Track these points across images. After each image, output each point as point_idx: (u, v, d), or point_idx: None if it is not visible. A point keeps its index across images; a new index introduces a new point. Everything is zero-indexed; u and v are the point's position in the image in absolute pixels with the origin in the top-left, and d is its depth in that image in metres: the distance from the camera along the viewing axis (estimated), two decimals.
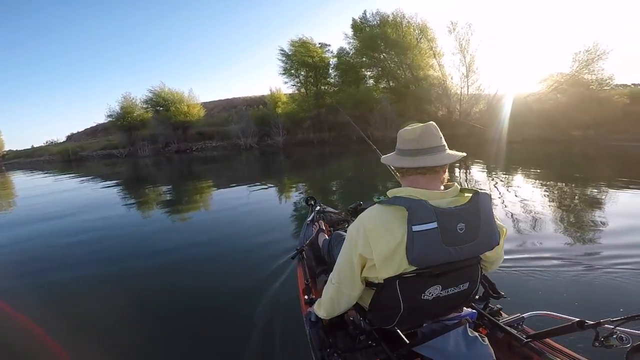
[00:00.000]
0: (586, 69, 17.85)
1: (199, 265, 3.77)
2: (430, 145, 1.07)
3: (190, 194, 8.87)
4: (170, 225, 5.72)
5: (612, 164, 11.27)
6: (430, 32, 21.50)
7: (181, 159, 20.89)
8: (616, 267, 3.06)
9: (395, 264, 0.99)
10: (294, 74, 25.26)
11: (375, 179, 9.92)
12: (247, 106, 34.52)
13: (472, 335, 1.15)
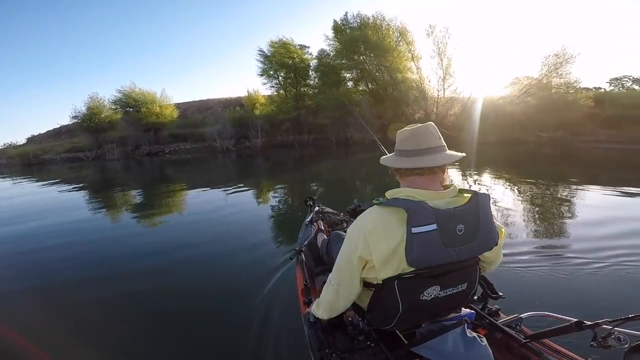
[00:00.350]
0: (555, 73, 18.63)
1: (194, 267, 3.68)
2: (429, 146, 1.07)
3: (172, 198, 8.40)
4: (155, 230, 5.48)
5: (590, 165, 11.77)
6: (409, 35, 21.75)
7: (153, 162, 19.94)
8: (614, 267, 3.06)
9: (395, 265, 1.00)
10: (272, 75, 24.84)
11: (357, 180, 9.85)
12: (223, 107, 33.71)
13: (470, 336, 1.14)
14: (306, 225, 2.80)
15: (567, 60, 17.97)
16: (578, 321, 1.09)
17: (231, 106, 33.10)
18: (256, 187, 9.10)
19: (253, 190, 8.69)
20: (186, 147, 26.52)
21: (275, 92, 25.88)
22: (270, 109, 25.40)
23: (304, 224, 2.87)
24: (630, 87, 28.44)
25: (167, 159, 21.15)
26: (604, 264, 3.12)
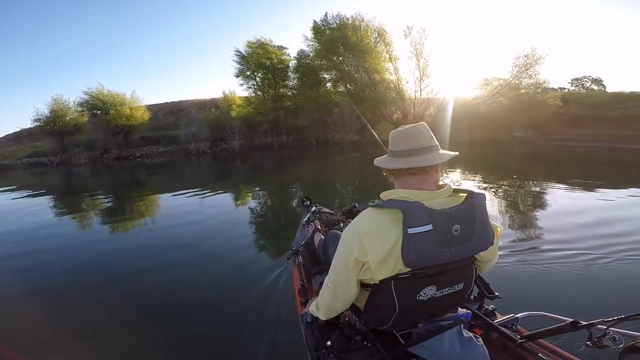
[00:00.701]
0: (525, 73, 19.36)
1: (186, 270, 3.59)
2: (421, 146, 1.07)
3: (148, 203, 7.89)
4: (136, 237, 5.17)
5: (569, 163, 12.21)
6: (387, 36, 21.94)
7: (123, 166, 18.90)
8: (608, 265, 3.09)
9: (391, 266, 0.99)
10: (250, 75, 24.30)
11: (340, 182, 9.73)
12: (197, 109, 32.75)
13: (466, 336, 1.14)
14: (303, 225, 2.78)
15: (536, 61, 18.73)
16: (573, 321, 1.10)
17: (206, 108, 32.24)
18: (238, 191, 8.85)
19: (235, 193, 8.45)
20: (159, 150, 25.45)
21: (253, 94, 25.35)
22: (247, 110, 24.80)
23: (301, 224, 2.85)
24: (589, 87, 30.25)
25: (139, 163, 20.15)
26: (599, 263, 3.14)
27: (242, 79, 24.58)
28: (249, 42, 23.60)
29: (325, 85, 24.15)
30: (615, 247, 3.47)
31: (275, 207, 6.92)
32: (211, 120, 25.05)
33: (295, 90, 24.41)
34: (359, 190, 8.17)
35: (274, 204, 7.23)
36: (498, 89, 20.70)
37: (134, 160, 22.18)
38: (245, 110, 24.93)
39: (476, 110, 20.24)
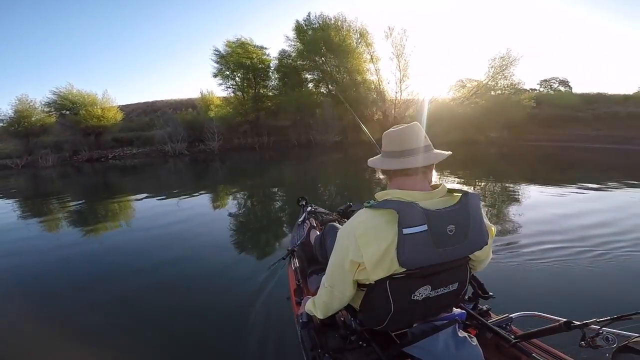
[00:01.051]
0: (501, 74, 19.89)
1: (177, 272, 3.52)
2: (416, 146, 1.07)
3: (124, 208, 7.45)
4: (119, 242, 4.84)
5: (546, 163, 12.56)
6: (369, 37, 21.93)
7: (94, 169, 17.90)
8: (602, 264, 3.13)
9: (386, 267, 1.00)
10: (229, 75, 23.71)
11: (325, 182, 9.60)
12: (173, 109, 31.74)
13: (461, 336, 1.15)
14: (298, 225, 2.75)
15: (512, 63, 19.27)
16: (567, 321, 1.10)
17: (182, 108, 31.30)
18: (221, 192, 8.62)
19: (219, 195, 8.24)
20: (132, 152, 24.37)
21: (232, 94, 24.75)
22: (226, 110, 24.22)
23: (297, 224, 2.82)
24: (556, 88, 31.54)
25: (112, 165, 19.16)
26: (592, 261, 3.18)
27: (221, 78, 23.98)
28: (228, 41, 23.04)
29: (307, 86, 23.94)
30: (607, 246, 3.54)
31: (264, 208, 6.76)
32: (188, 120, 24.26)
33: (277, 91, 24.04)
34: (347, 190, 8.06)
35: (261, 205, 7.05)
36: (475, 90, 21.18)
37: (106, 162, 21.04)
38: (224, 110, 24.35)
39: (454, 111, 20.62)
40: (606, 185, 7.21)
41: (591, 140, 18.15)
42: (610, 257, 3.29)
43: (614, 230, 4.02)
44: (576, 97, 24.25)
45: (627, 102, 22.30)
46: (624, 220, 4.44)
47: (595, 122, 20.36)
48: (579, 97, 24.27)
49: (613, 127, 19.39)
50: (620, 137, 17.51)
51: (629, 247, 3.50)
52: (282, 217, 5.78)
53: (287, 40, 23.58)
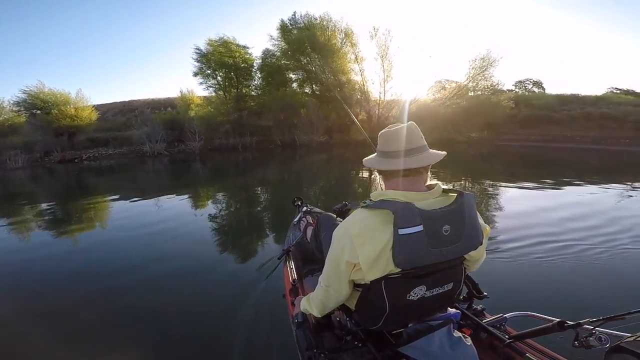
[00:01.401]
0: (481, 75, 20.25)
1: (168, 275, 3.43)
2: (414, 146, 1.06)
3: (102, 210, 7.02)
4: (102, 247, 4.61)
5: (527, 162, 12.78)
6: (354, 37, 21.84)
7: (68, 170, 16.98)
8: (596, 263, 3.15)
9: (382, 267, 1.00)
10: (210, 74, 23.07)
11: (309, 184, 9.46)
12: (151, 109, 30.78)
13: (456, 336, 1.15)
14: (294, 226, 2.77)
15: (491, 64, 19.65)
16: (560, 321, 1.11)
17: (161, 107, 30.43)
18: (207, 194, 8.43)
19: (206, 196, 8.08)
20: (108, 153, 23.41)
21: (214, 93, 24.14)
22: (207, 110, 23.61)
23: (292, 224, 2.82)
24: (531, 89, 32.48)
25: (86, 166, 18.25)
26: (585, 260, 3.21)
27: (202, 77, 23.33)
28: (210, 40, 22.42)
29: (291, 86, 23.65)
30: (600, 245, 3.57)
31: (254, 209, 6.65)
32: (167, 120, 23.47)
33: (260, 90, 23.61)
34: (337, 192, 7.98)
35: (252, 206, 6.93)
36: (456, 91, 21.51)
37: (80, 163, 19.99)
38: (205, 110, 23.73)
39: (435, 112, 20.87)
40: (588, 184, 7.37)
41: (567, 140, 18.76)
42: (603, 256, 3.30)
43: (606, 230, 4.08)
44: (551, 98, 25.04)
45: (599, 103, 23.19)
46: (615, 219, 4.50)
47: (570, 123, 21.06)
48: (554, 97, 25.08)
49: (587, 127, 20.11)
50: (594, 138, 18.17)
51: (621, 246, 3.52)
52: (275, 218, 5.72)
53: (271, 39, 23.22)
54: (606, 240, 3.66)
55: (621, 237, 3.76)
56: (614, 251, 3.40)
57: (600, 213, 4.81)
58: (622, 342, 0.92)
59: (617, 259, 3.25)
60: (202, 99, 25.41)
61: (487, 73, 20.11)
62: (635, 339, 0.90)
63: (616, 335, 0.99)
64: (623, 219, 4.48)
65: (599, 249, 3.45)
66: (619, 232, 3.96)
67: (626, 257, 3.30)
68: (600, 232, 3.96)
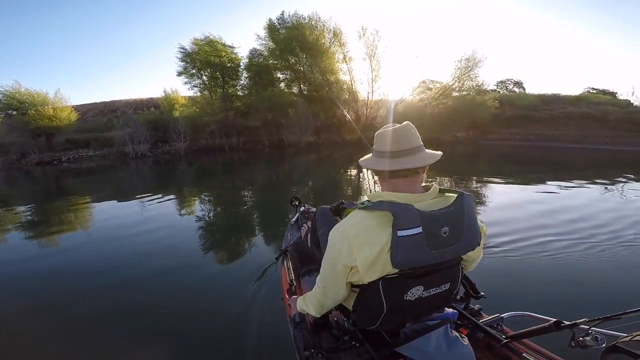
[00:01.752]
0: (466, 76, 20.47)
1: (163, 278, 3.38)
2: (412, 146, 1.05)
3: (85, 213, 6.72)
4: (92, 250, 4.46)
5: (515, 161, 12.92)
6: (343, 37, 21.64)
7: (46, 173, 16.32)
8: (593, 263, 3.14)
9: (379, 269, 1.00)
10: (195, 74, 22.59)
11: (295, 184, 9.35)
12: (133, 109, 30.00)
13: (453, 336, 1.16)
14: (292, 226, 2.77)
15: (477, 64, 19.88)
16: (557, 321, 1.11)
17: (143, 108, 29.69)
18: (196, 195, 8.28)
19: (195, 198, 7.99)
20: (89, 154, 22.65)
21: (199, 93, 23.66)
22: (192, 110, 23.11)
23: (290, 224, 2.83)
24: (512, 89, 33.08)
25: (65, 169, 17.58)
26: (583, 259, 3.20)
27: (187, 77, 22.83)
28: (195, 39, 21.93)
29: (279, 85, 23.32)
30: (597, 244, 3.56)
31: (251, 209, 6.64)
32: (151, 120, 22.88)
33: (247, 90, 23.25)
34: (331, 193, 7.83)
35: (246, 207, 6.91)
36: (442, 91, 21.71)
37: (59, 166, 19.23)
38: (190, 110, 23.23)
39: (422, 112, 21.01)
40: (577, 182, 7.47)
41: (550, 139, 19.16)
42: (599, 255, 3.30)
43: (601, 229, 4.08)
44: (534, 97, 25.58)
45: (579, 103, 23.81)
46: (609, 218, 4.51)
47: (552, 122, 21.53)
48: (536, 97, 25.62)
49: (568, 126, 20.60)
50: (576, 137, 18.62)
51: (618, 245, 3.53)
52: (271, 219, 5.71)
53: (258, 39, 22.89)
54: (602, 240, 3.66)
55: (617, 236, 3.77)
56: (610, 250, 3.40)
57: (592, 212, 4.85)
58: (618, 342, 0.92)
59: (613, 257, 3.24)
60: (187, 99, 24.87)
61: (472, 73, 20.36)
62: (631, 338, 0.90)
63: (612, 335, 0.99)
64: (617, 218, 4.51)
65: (595, 248, 3.44)
66: (615, 230, 3.98)
67: (622, 255, 3.29)
68: (596, 231, 3.98)
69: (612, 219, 4.40)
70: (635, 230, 3.94)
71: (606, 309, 1.12)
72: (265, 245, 4.23)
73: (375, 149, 1.13)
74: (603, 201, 5.58)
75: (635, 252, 3.38)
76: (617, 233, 3.85)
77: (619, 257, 3.24)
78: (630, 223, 4.25)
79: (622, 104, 22.62)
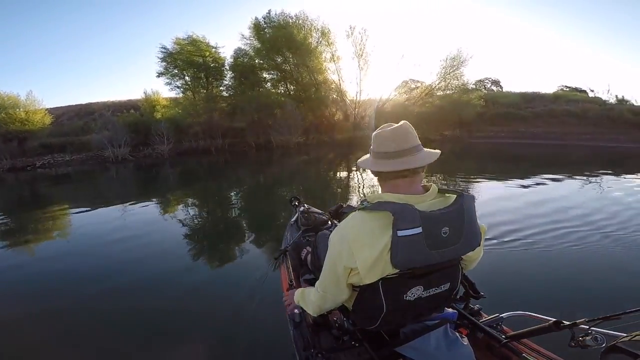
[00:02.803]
0: (452, 75, 20.64)
1: (161, 280, 3.40)
2: (411, 145, 1.05)
3: (80, 220, 6.25)
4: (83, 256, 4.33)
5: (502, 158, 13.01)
6: (331, 36, 21.38)
7: (19, 179, 15.37)
8: (593, 262, 3.12)
9: (380, 270, 1.00)
10: (178, 74, 21.86)
11: (286, 185, 9.11)
12: (112, 112, 28.84)
13: (452, 336, 1.17)
14: (291, 226, 2.78)
15: (462, 63, 20.08)
16: (556, 321, 1.11)
17: (123, 110, 28.61)
18: (185, 199, 8.06)
19: (183, 202, 7.82)
20: (65, 159, 21.53)
21: (181, 94, 22.91)
22: (175, 111, 22.35)
23: (289, 224, 2.83)
24: (489, 88, 33.63)
25: (40, 174, 16.54)
26: (583, 259, 3.18)
27: (169, 77, 22.06)
28: (177, 38, 21.23)
29: (265, 86, 22.84)
30: (597, 243, 3.51)
31: (247, 211, 6.65)
32: (131, 122, 21.93)
33: (232, 91, 22.67)
34: (327, 195, 7.58)
35: (242, 209, 6.90)
36: (428, 90, 21.84)
37: (34, 171, 18.14)
38: (172, 111, 22.47)
39: (411, 110, 21.07)
40: (571, 177, 7.50)
41: (533, 136, 19.55)
42: (599, 254, 3.27)
43: (600, 227, 3.99)
44: (516, 96, 26.10)
45: (558, 101, 24.46)
46: (609, 218, 4.43)
47: (534, 120, 22.00)
48: (518, 96, 26.16)
49: (550, 124, 21.10)
50: (558, 134, 19.06)
51: (619, 245, 3.47)
52: (267, 219, 5.68)
53: (242, 38, 22.28)
54: (602, 239, 3.61)
55: (617, 236, 3.70)
56: (610, 249, 3.37)
57: (590, 211, 4.73)
58: (618, 341, 0.91)
59: (613, 257, 3.22)
60: (169, 100, 24.10)
61: (457, 72, 20.53)
62: (631, 338, 0.88)
63: (612, 335, 0.98)
64: (616, 218, 4.42)
65: (595, 247, 3.42)
66: (615, 231, 3.89)
67: (622, 255, 3.26)
68: (596, 230, 3.89)
69: (612, 219, 4.33)
70: (635, 230, 3.90)
71: (606, 309, 1.10)
72: (263, 245, 4.24)
73: (373, 150, 1.11)
74: (601, 200, 5.51)
75: (635, 251, 3.35)
76: (617, 233, 3.79)
77: (618, 257, 3.21)
78: (631, 223, 4.18)
79: (598, 102, 23.35)
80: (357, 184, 8.55)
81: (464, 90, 21.50)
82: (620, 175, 8.07)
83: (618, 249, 3.36)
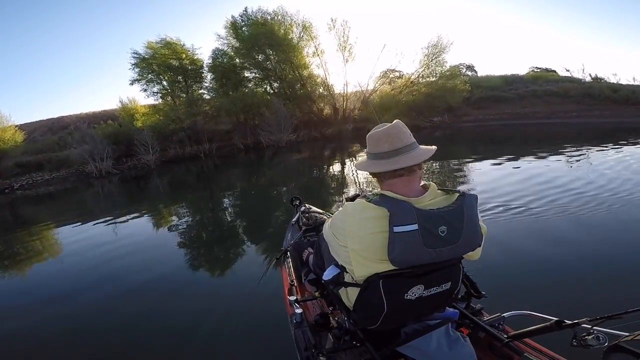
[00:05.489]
0: (435, 62, 20.64)
1: (163, 282, 3.47)
2: (404, 144, 1.05)
3: (60, 240, 5.76)
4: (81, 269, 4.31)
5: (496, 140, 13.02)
6: (313, 30, 20.83)
7: None
8: (593, 262, 3.07)
9: (373, 263, 1.01)
10: (154, 79, 20.99)
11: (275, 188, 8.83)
12: (88, 124, 27.61)
13: (454, 335, 1.17)
14: (292, 226, 2.78)
15: (443, 50, 20.07)
16: (558, 320, 1.11)
17: (99, 121, 27.44)
18: (181, 207, 7.97)
19: (182, 210, 7.67)
20: (45, 178, 20.43)
21: (160, 100, 22.05)
22: (155, 118, 21.48)
23: (290, 224, 2.84)
24: (465, 73, 33.70)
25: (20, 196, 15.62)
26: (583, 258, 3.13)
27: (144, 84, 21.16)
28: (149, 42, 20.27)
29: (248, 85, 22.16)
30: (597, 242, 3.43)
31: (245, 213, 6.70)
32: (111, 133, 20.99)
33: (214, 93, 21.96)
34: (325, 194, 7.30)
35: (240, 211, 6.90)
36: (413, 79, 21.81)
37: (12, 194, 17.08)
38: (153, 118, 21.58)
39: (399, 100, 20.97)
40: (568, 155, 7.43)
41: (521, 117, 19.77)
42: (600, 254, 3.20)
43: (602, 230, 3.81)
44: (498, 79, 26.37)
45: (538, 81, 24.83)
46: (608, 219, 4.18)
47: (519, 101, 22.25)
48: (500, 79, 26.44)
49: (535, 104, 21.36)
50: (545, 113, 19.33)
51: (618, 245, 3.38)
52: (266, 220, 5.66)
53: (219, 38, 21.52)
54: (601, 239, 3.52)
55: (617, 236, 3.59)
56: (611, 249, 3.29)
57: (589, 210, 4.38)
58: (620, 341, 0.91)
59: (613, 256, 3.15)
60: (148, 107, 23.13)
61: (440, 59, 20.54)
62: (633, 338, 0.88)
63: (614, 335, 0.97)
64: (615, 217, 4.18)
65: (595, 247, 3.34)
66: (614, 231, 3.75)
67: (624, 254, 3.19)
68: (595, 231, 3.76)
69: (610, 219, 4.14)
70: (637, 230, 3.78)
71: (608, 308, 1.09)
72: (263, 246, 4.30)
73: (368, 152, 1.13)
74: (601, 193, 5.00)
75: (636, 250, 3.26)
76: (617, 232, 3.68)
77: (620, 256, 3.15)
78: (632, 223, 3.99)
79: (576, 81, 23.82)
80: (353, 179, 8.39)
81: (448, 76, 21.53)
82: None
83: (620, 249, 3.28)
